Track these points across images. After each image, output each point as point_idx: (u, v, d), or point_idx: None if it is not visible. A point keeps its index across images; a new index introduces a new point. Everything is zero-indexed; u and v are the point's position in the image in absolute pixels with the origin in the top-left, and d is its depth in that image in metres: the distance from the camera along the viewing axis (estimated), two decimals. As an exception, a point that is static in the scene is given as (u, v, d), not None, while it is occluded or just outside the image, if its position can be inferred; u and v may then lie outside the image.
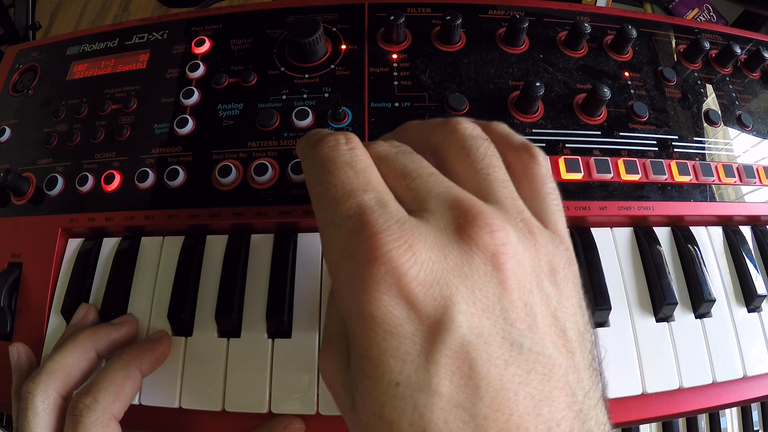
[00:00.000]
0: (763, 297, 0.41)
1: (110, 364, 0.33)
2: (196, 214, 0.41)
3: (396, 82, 0.45)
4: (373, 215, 0.21)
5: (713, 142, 0.47)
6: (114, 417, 0.32)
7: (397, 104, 0.44)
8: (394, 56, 0.47)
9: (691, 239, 0.42)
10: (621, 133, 0.45)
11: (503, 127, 0.30)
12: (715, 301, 0.40)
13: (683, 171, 0.43)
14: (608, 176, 0.42)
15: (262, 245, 0.41)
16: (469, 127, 0.27)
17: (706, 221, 0.44)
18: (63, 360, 0.33)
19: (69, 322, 0.38)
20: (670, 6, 0.95)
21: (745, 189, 0.45)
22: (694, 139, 0.46)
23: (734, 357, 0.39)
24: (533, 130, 0.44)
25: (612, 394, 0.36)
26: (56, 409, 0.32)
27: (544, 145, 0.43)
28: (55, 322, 0.40)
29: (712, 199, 0.44)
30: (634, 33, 0.48)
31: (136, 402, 0.36)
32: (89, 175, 0.43)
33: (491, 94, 0.45)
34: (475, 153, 0.25)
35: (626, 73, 0.49)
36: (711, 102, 0.49)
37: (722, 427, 0.57)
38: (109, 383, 0.32)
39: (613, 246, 0.42)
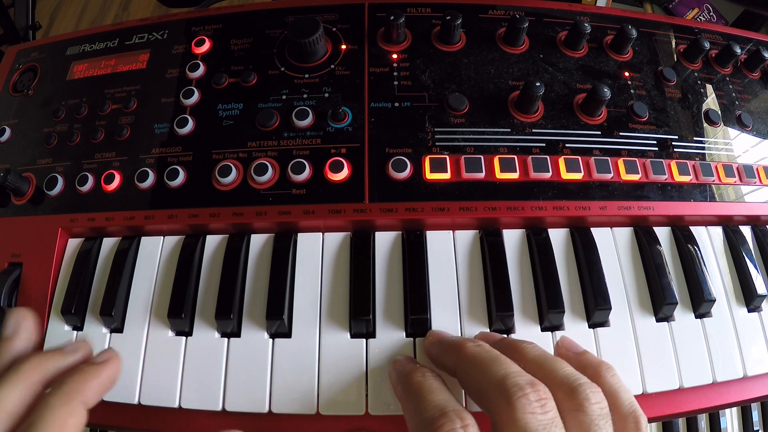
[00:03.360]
0: (763, 297, 0.41)
1: (50, 400, 0.29)
2: (196, 214, 0.41)
3: (396, 82, 0.45)
4: None
5: (713, 142, 0.47)
6: None
7: (397, 104, 0.44)
8: (394, 56, 0.47)
9: (691, 239, 0.42)
10: (621, 133, 0.45)
11: (614, 382, 0.31)
12: (715, 301, 0.40)
13: (683, 171, 0.43)
14: (608, 176, 0.42)
15: (262, 245, 0.41)
16: (597, 405, 0.28)
17: (706, 221, 0.44)
18: (6, 399, 0.28)
19: (3, 332, 0.34)
20: (670, 6, 0.95)
21: (745, 189, 0.45)
22: (694, 139, 0.46)
23: (734, 357, 0.39)
24: (533, 130, 0.44)
25: (612, 394, 0.36)
26: None
27: (544, 145, 0.43)
28: (55, 322, 0.39)
29: (712, 199, 0.44)
30: (634, 33, 0.48)
31: (135, 402, 0.36)
32: (89, 175, 0.43)
33: (491, 94, 0.46)
34: None
35: (626, 73, 0.49)
36: (711, 102, 0.49)
37: (722, 427, 0.57)
38: (49, 423, 0.28)
39: (613, 246, 0.42)
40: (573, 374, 0.30)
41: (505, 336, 0.36)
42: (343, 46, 0.48)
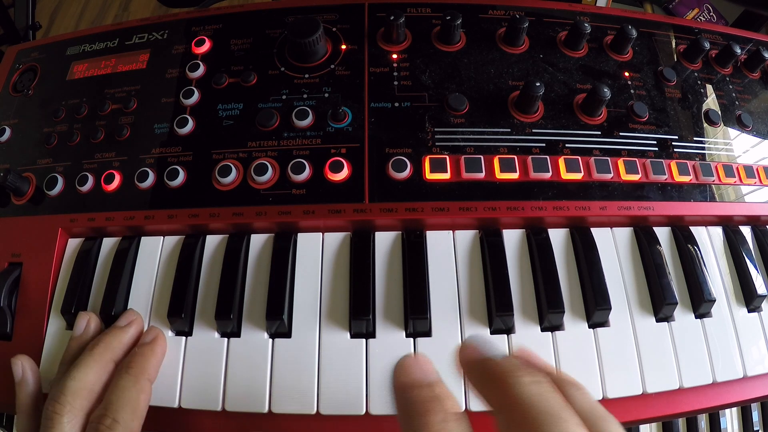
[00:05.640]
0: (763, 297, 0.41)
1: (121, 381, 0.33)
2: (196, 214, 0.41)
3: (396, 82, 0.45)
4: None
5: (713, 142, 0.47)
6: None
7: (397, 104, 0.44)
8: (394, 56, 0.47)
9: (691, 239, 0.42)
10: (621, 133, 0.45)
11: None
12: (715, 301, 0.40)
13: (683, 171, 0.43)
14: (608, 176, 0.42)
15: (262, 245, 0.41)
16: None
17: (706, 221, 0.44)
18: (85, 378, 0.33)
19: (73, 332, 0.38)
20: (670, 6, 0.95)
21: (745, 189, 0.45)
22: (694, 139, 0.46)
23: (734, 357, 0.39)
24: (533, 130, 0.44)
25: (612, 394, 0.36)
26: (81, 428, 0.32)
27: (544, 145, 0.43)
28: (55, 322, 0.39)
29: (712, 199, 0.44)
30: (634, 33, 0.48)
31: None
32: (89, 175, 0.43)
33: (491, 94, 0.45)
34: None
35: (626, 73, 0.49)
36: (711, 102, 0.49)
37: (722, 427, 0.57)
38: (125, 401, 0.32)
39: (613, 246, 0.42)
40: None
41: (550, 366, 0.27)
42: (343, 46, 0.48)
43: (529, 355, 0.27)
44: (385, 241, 0.41)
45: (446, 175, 0.41)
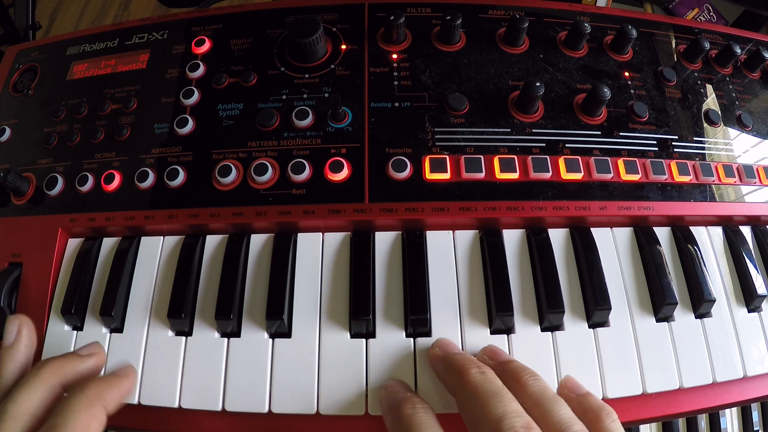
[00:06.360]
0: (763, 297, 0.41)
1: (73, 402, 0.29)
2: (196, 214, 0.41)
3: (396, 82, 0.45)
4: None
5: (713, 142, 0.47)
6: None
7: (397, 104, 0.44)
8: (394, 56, 0.47)
9: (691, 239, 0.42)
10: (621, 133, 0.45)
11: (614, 429, 0.31)
12: (715, 301, 0.40)
13: (683, 171, 0.43)
14: (608, 176, 0.42)
15: (262, 245, 0.41)
16: None
17: (706, 221, 0.44)
18: (28, 402, 0.29)
19: (3, 341, 0.34)
20: (670, 6, 0.95)
21: (745, 189, 0.45)
22: (694, 139, 0.46)
23: (734, 357, 0.39)
24: (533, 130, 0.44)
25: (612, 394, 0.36)
26: None
27: (544, 145, 0.43)
28: (55, 322, 0.39)
29: (712, 199, 0.44)
30: (634, 33, 0.48)
31: (135, 402, 0.36)
32: (89, 175, 0.43)
33: (491, 94, 0.45)
34: None
35: (626, 73, 0.49)
36: (711, 102, 0.49)
37: (722, 427, 0.58)
38: (72, 427, 0.28)
39: (613, 246, 0.42)
40: (568, 419, 0.29)
41: (513, 359, 0.35)
42: (343, 46, 0.48)
43: (493, 349, 0.36)
44: (385, 241, 0.41)
45: (446, 175, 0.41)
